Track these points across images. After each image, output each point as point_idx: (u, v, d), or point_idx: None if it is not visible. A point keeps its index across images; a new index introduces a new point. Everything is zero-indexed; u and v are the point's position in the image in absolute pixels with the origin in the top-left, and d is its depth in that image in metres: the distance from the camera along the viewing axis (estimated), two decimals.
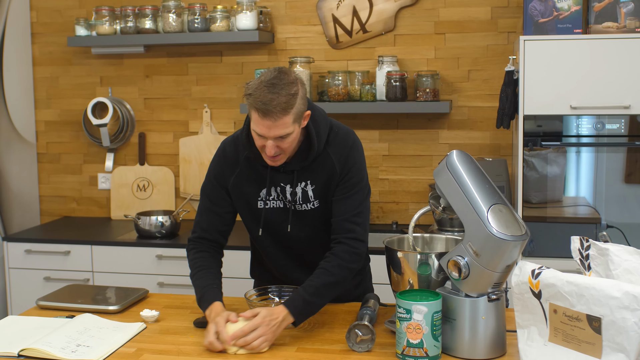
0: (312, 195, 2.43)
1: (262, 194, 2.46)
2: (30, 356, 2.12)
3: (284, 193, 2.44)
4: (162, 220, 3.94)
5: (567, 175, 3.54)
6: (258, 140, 2.29)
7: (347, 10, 4.11)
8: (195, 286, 2.42)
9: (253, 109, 2.23)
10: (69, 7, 4.49)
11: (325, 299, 2.34)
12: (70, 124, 4.57)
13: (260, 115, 2.21)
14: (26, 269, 3.98)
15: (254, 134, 2.29)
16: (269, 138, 2.25)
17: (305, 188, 2.43)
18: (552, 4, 3.39)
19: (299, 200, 2.43)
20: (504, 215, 2.02)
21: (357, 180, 2.43)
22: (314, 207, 2.45)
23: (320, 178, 2.43)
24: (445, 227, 3.71)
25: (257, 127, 2.25)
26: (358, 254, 2.38)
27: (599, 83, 3.32)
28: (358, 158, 2.46)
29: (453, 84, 4.04)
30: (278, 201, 2.46)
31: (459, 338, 2.06)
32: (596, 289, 1.77)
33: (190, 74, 4.37)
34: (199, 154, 4.36)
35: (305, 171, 2.42)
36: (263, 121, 2.22)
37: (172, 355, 2.14)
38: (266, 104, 2.19)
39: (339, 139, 2.45)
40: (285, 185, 2.43)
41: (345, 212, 2.40)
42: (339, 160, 2.42)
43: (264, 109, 2.19)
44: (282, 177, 2.43)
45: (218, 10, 4.07)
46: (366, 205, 2.46)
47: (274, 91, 2.20)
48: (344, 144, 2.44)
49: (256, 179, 2.45)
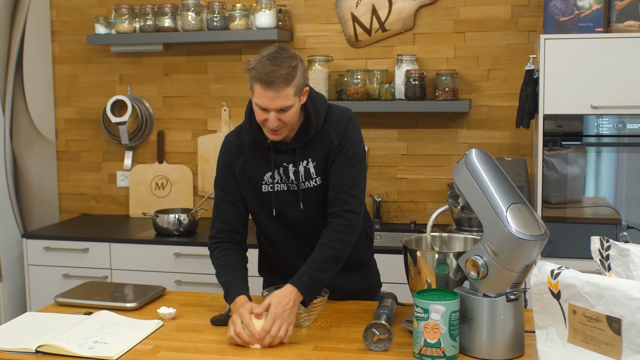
0: (313, 172, 2.47)
1: (266, 178, 2.50)
2: (48, 352, 2.13)
3: (287, 174, 2.47)
4: (180, 218, 3.95)
5: (587, 176, 3.50)
6: (260, 114, 2.34)
7: (367, 9, 4.10)
8: (221, 284, 2.44)
9: (256, 82, 2.29)
10: (89, 5, 4.51)
11: (329, 273, 2.36)
12: (89, 122, 4.60)
13: (264, 86, 2.27)
14: (45, 266, 4.01)
15: (256, 109, 2.34)
16: (271, 110, 2.30)
17: (307, 166, 2.48)
18: (573, 3, 3.36)
19: (302, 179, 2.47)
20: (523, 214, 2.00)
21: (353, 154, 2.47)
22: (316, 184, 2.48)
23: (320, 154, 2.47)
24: (463, 227, 3.69)
25: (260, 100, 2.30)
26: (354, 227, 2.42)
27: (620, 82, 3.29)
28: (354, 133, 2.50)
29: (472, 83, 4.02)
30: (282, 184, 2.50)
31: (477, 338, 2.04)
32: (616, 289, 1.75)
33: (209, 72, 4.38)
34: (217, 152, 4.32)
35: (306, 149, 2.47)
36: (266, 92, 2.27)
37: (189, 353, 2.14)
38: (269, 75, 2.25)
39: (336, 115, 2.51)
40: (288, 164, 2.47)
41: (342, 185, 2.44)
42: (336, 135, 2.47)
43: (267, 79, 2.26)
44: (284, 157, 2.47)
45: (237, 8, 4.08)
46: (362, 179, 2.50)
47: (276, 63, 2.27)
48: (341, 120, 2.50)
49: (260, 162, 2.50)
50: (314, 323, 2.35)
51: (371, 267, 2.75)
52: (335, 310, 2.46)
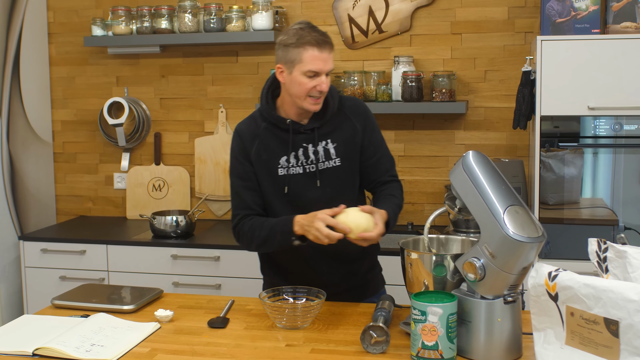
0: (333, 153, 2.56)
1: (281, 161, 2.55)
2: (44, 355, 2.13)
3: (306, 154, 2.54)
4: (177, 220, 3.94)
5: (584, 177, 3.51)
6: (308, 82, 2.45)
7: (363, 11, 4.10)
8: (268, 235, 2.48)
9: (309, 46, 2.42)
10: (86, 7, 4.51)
11: (395, 221, 2.53)
12: (86, 124, 4.59)
13: (319, 49, 2.42)
14: (42, 268, 4.00)
15: (304, 79, 2.44)
16: (323, 73, 2.45)
17: (326, 146, 2.56)
18: (569, 4, 3.37)
19: (321, 159, 2.55)
20: (520, 216, 2.00)
21: (380, 139, 2.68)
22: (335, 164, 2.56)
23: (341, 136, 2.58)
24: (461, 229, 3.69)
25: (315, 63, 2.43)
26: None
27: (617, 84, 3.29)
28: (374, 118, 2.69)
29: (469, 85, 4.02)
30: (298, 167, 2.55)
31: (475, 340, 2.04)
32: (614, 291, 1.75)
33: (206, 74, 4.38)
34: (214, 154, 4.36)
35: (324, 129, 2.57)
36: (321, 54, 2.43)
37: (186, 356, 2.13)
38: (323, 36, 2.44)
39: (352, 101, 2.68)
40: (308, 144, 2.55)
41: (387, 171, 2.65)
42: (357, 120, 2.61)
43: (322, 40, 2.43)
44: (302, 137, 2.55)
45: (234, 10, 4.07)
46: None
47: (318, 30, 2.46)
48: (359, 106, 2.67)
49: (277, 145, 2.56)
50: (311, 325, 2.35)
51: (376, 264, 2.80)
52: (332, 313, 2.46)
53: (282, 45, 2.48)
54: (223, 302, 2.61)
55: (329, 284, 2.54)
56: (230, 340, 2.24)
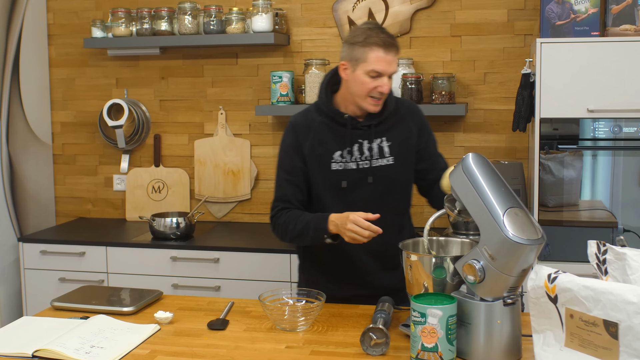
0: (387, 151, 2.59)
1: (335, 156, 2.57)
2: (44, 357, 2.13)
3: (361, 149, 2.57)
4: (177, 222, 3.94)
5: (584, 179, 3.51)
6: (370, 82, 2.48)
7: (363, 13, 4.10)
8: (302, 230, 2.51)
9: (376, 47, 2.45)
10: (86, 8, 4.51)
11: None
12: (86, 126, 4.59)
13: (384, 50, 2.45)
14: (41, 269, 4.00)
15: (366, 79, 2.48)
16: (386, 75, 2.48)
17: (381, 144, 2.60)
18: (569, 7, 3.37)
19: (375, 156, 2.58)
20: (520, 218, 2.00)
21: (435, 141, 2.76)
22: (388, 162, 2.59)
23: (396, 136, 2.62)
24: (460, 231, 3.66)
25: (379, 64, 2.46)
26: None
27: (616, 86, 3.29)
28: (428, 122, 2.75)
29: (469, 87, 4.02)
30: (352, 162, 2.57)
31: (474, 342, 2.04)
32: (613, 293, 1.75)
33: (205, 75, 4.38)
34: (214, 155, 4.36)
35: (381, 128, 2.60)
36: (386, 56, 2.46)
37: (186, 357, 2.13)
38: (391, 38, 2.48)
39: (409, 103, 2.75)
40: (363, 141, 2.57)
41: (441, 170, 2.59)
42: (413, 122, 2.67)
43: (389, 42, 2.46)
44: (359, 133, 2.58)
45: (234, 12, 4.08)
46: None
47: (387, 32, 2.49)
48: (415, 109, 2.73)
49: (332, 140, 2.58)
50: (310, 327, 2.35)
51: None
52: (332, 315, 2.46)
53: (348, 43, 2.51)
54: (223, 303, 2.62)
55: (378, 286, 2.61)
56: (230, 342, 2.24)
